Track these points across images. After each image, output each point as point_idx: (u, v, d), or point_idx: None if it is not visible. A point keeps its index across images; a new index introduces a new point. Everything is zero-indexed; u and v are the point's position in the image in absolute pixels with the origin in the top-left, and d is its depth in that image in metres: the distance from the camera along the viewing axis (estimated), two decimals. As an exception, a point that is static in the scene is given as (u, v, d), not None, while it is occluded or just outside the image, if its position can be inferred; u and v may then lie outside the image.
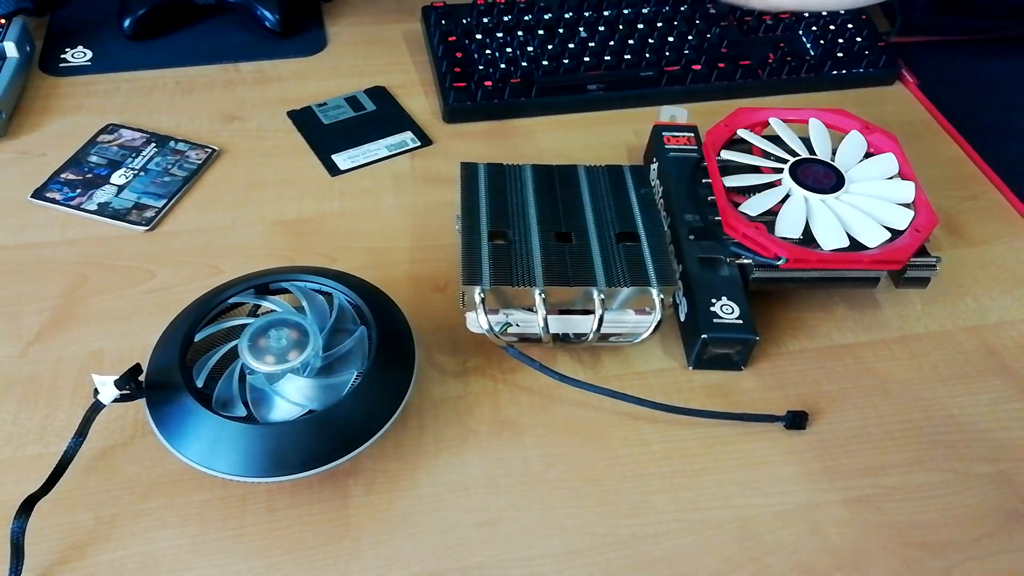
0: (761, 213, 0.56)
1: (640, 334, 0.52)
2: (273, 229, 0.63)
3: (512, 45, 0.76)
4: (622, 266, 0.51)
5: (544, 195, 0.56)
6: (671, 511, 0.47)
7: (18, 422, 0.50)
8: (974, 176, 0.70)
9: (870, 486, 0.49)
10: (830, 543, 0.46)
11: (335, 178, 0.67)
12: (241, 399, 0.46)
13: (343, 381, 0.47)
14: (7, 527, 0.43)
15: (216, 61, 0.78)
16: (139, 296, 0.57)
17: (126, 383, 0.45)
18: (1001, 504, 0.49)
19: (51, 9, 0.83)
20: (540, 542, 0.46)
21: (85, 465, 0.47)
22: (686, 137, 0.65)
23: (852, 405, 0.53)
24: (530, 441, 0.50)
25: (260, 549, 0.45)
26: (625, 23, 0.79)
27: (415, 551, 0.45)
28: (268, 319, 0.48)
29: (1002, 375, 0.56)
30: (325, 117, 0.73)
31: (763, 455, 0.50)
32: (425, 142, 0.71)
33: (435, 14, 0.79)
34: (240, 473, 0.43)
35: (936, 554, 0.46)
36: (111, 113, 0.72)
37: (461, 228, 0.53)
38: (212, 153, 0.68)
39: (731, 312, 0.53)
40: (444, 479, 0.48)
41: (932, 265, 0.55)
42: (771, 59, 0.77)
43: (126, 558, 0.44)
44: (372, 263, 0.60)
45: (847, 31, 0.80)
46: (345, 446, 0.45)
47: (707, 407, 0.51)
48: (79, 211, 0.62)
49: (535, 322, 0.50)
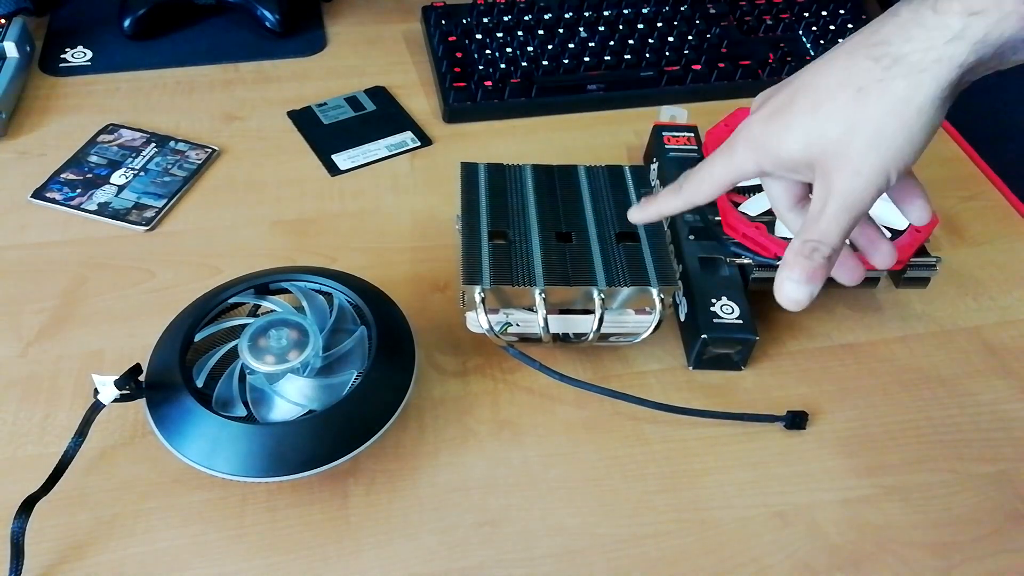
0: (761, 213, 0.56)
1: (640, 334, 0.52)
2: (273, 229, 0.63)
3: (512, 45, 0.76)
4: (622, 266, 0.51)
5: (544, 195, 0.56)
6: (671, 511, 0.47)
7: (18, 422, 0.50)
8: (974, 176, 0.70)
9: (870, 486, 0.49)
10: (830, 543, 0.46)
11: (335, 178, 0.67)
12: (241, 399, 0.46)
13: (343, 381, 0.47)
14: (7, 527, 0.43)
15: (216, 61, 0.78)
16: (139, 296, 0.57)
17: (126, 383, 0.45)
18: (1001, 504, 0.49)
19: (51, 9, 0.83)
20: (540, 542, 0.46)
21: (85, 465, 0.47)
22: (686, 137, 0.65)
23: (852, 405, 0.53)
24: (530, 441, 0.50)
25: (260, 549, 0.45)
26: (625, 23, 0.79)
27: (415, 551, 0.45)
28: (268, 319, 0.48)
29: (1002, 375, 0.56)
30: (325, 117, 0.73)
31: (763, 455, 0.50)
32: (425, 142, 0.71)
33: (435, 14, 0.79)
34: (240, 473, 0.43)
35: (936, 554, 0.46)
36: (111, 113, 0.72)
37: (461, 228, 0.53)
38: (212, 153, 0.68)
39: (731, 312, 0.53)
40: (444, 479, 0.48)
41: (932, 265, 0.55)
42: (771, 59, 0.77)
43: (126, 558, 0.44)
44: (372, 263, 0.60)
45: (847, 31, 0.80)
46: (345, 446, 0.45)
47: (707, 407, 0.51)
48: (79, 211, 0.62)
49: (535, 322, 0.50)
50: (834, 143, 0.36)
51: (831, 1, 0.83)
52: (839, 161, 0.36)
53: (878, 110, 0.34)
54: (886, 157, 0.35)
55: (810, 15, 0.82)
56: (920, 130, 0.34)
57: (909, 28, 0.34)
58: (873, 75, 0.34)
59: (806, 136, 0.37)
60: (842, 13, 0.82)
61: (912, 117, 0.34)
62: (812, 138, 0.36)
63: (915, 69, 0.34)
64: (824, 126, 0.36)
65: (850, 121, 0.35)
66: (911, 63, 0.34)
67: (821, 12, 0.82)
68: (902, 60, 0.34)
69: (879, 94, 0.34)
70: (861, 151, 0.35)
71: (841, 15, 0.82)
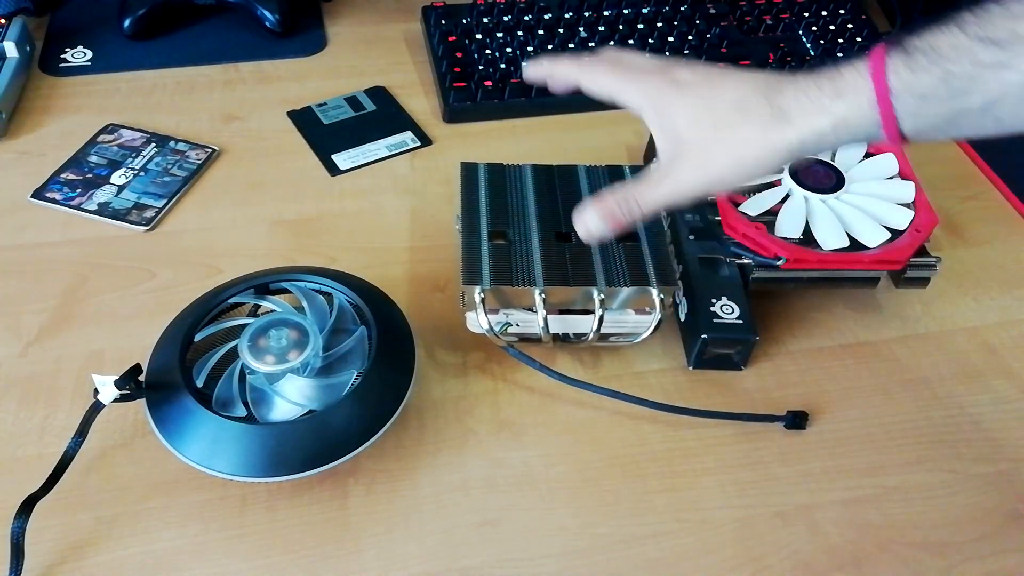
0: (761, 213, 0.56)
1: (640, 334, 0.52)
2: (273, 229, 0.63)
3: (512, 45, 0.76)
4: (622, 266, 0.51)
5: (544, 195, 0.56)
6: (671, 511, 0.47)
7: (18, 422, 0.50)
8: (974, 176, 0.70)
9: (870, 486, 0.49)
10: (830, 543, 0.46)
11: (335, 178, 0.67)
12: (241, 399, 0.46)
13: (343, 381, 0.47)
14: (7, 527, 0.43)
15: (216, 61, 0.78)
16: (139, 296, 0.57)
17: (126, 383, 0.45)
18: (1001, 504, 0.49)
19: (51, 9, 0.83)
20: (540, 542, 0.46)
21: (85, 465, 0.47)
22: (686, 137, 0.64)
23: (852, 405, 0.53)
24: (530, 441, 0.50)
25: (260, 549, 0.45)
26: (625, 23, 0.79)
27: (415, 551, 0.45)
28: (268, 319, 0.48)
29: (1002, 375, 0.55)
30: (325, 117, 0.73)
31: (763, 455, 0.50)
32: (425, 142, 0.71)
33: (435, 14, 0.79)
34: (240, 473, 0.43)
35: (936, 554, 0.46)
36: (111, 113, 0.72)
37: (461, 228, 0.53)
38: (212, 153, 0.68)
39: (731, 312, 0.53)
40: (444, 479, 0.48)
41: (932, 265, 0.55)
42: (771, 59, 0.77)
43: (126, 558, 0.44)
44: (372, 263, 0.60)
45: (847, 31, 0.80)
46: (345, 446, 0.45)
47: (707, 407, 0.51)
48: (79, 211, 0.62)
49: (535, 322, 0.50)
50: (705, 138, 0.42)
51: (831, 1, 0.83)
52: (697, 152, 0.42)
53: (750, 137, 0.41)
54: (729, 175, 0.42)
55: (810, 15, 0.82)
56: (761, 170, 0.42)
57: (800, 93, 0.40)
58: (761, 111, 0.41)
59: (695, 114, 0.43)
60: (842, 13, 0.82)
61: (767, 158, 0.41)
62: (698, 119, 0.42)
63: (791, 125, 0.40)
64: (708, 118, 0.42)
65: (728, 132, 0.41)
66: (790, 119, 0.40)
67: (821, 12, 0.82)
68: (787, 113, 0.40)
69: (760, 128, 0.41)
70: (719, 159, 0.42)
71: (841, 15, 0.82)
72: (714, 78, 0.43)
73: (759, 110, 0.41)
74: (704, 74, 0.44)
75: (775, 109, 0.40)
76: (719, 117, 0.42)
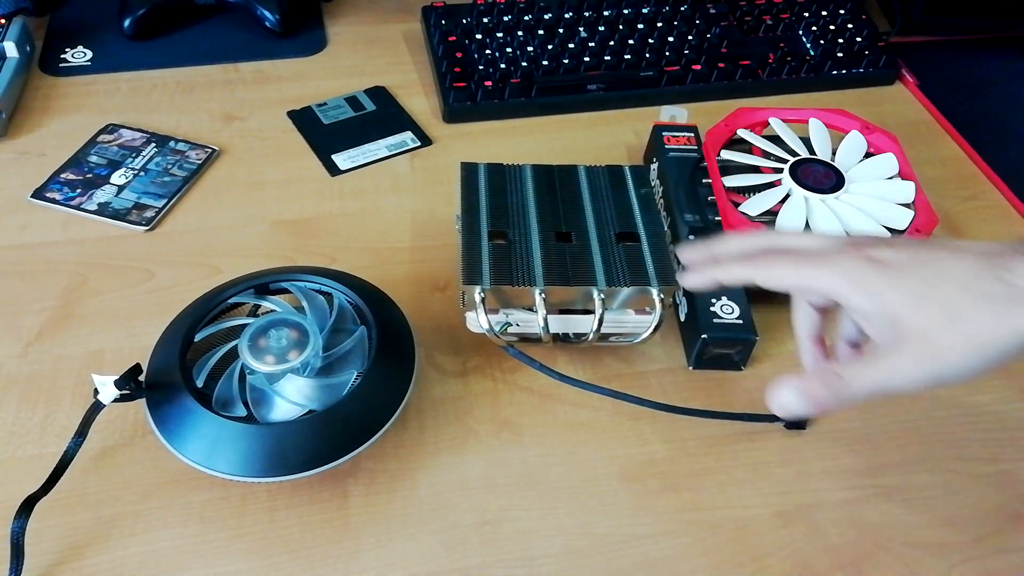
0: (761, 213, 0.56)
1: (640, 334, 0.52)
2: (273, 229, 0.63)
3: (512, 45, 0.77)
4: (622, 266, 0.51)
5: (544, 195, 0.56)
6: (671, 511, 0.47)
7: (18, 422, 0.50)
8: (974, 176, 0.70)
9: (870, 486, 0.49)
10: (830, 543, 0.46)
11: (335, 178, 0.67)
12: (241, 399, 0.46)
13: (343, 381, 0.47)
14: (7, 527, 0.43)
15: (216, 61, 0.78)
16: (139, 296, 0.57)
17: (126, 383, 0.45)
18: (1001, 504, 0.49)
19: (51, 9, 0.83)
20: (540, 542, 0.46)
21: (85, 465, 0.47)
22: (686, 137, 0.65)
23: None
24: (530, 441, 0.50)
25: (260, 549, 0.45)
26: (625, 23, 0.79)
27: (415, 551, 0.45)
28: (268, 319, 0.48)
29: (1002, 375, 0.55)
30: (325, 117, 0.73)
31: (763, 455, 0.50)
32: (425, 142, 0.71)
33: (435, 14, 0.79)
34: (240, 473, 0.43)
35: (936, 554, 0.46)
36: (111, 113, 0.72)
37: (461, 228, 0.53)
38: (212, 153, 0.68)
39: (731, 312, 0.53)
40: (444, 479, 0.48)
41: (932, 265, 0.55)
42: (771, 59, 0.77)
43: (126, 558, 0.44)
44: (372, 263, 0.60)
45: (847, 31, 0.80)
46: (345, 446, 0.45)
47: (707, 407, 0.51)
48: (79, 211, 0.62)
49: (535, 322, 0.50)
50: (932, 325, 0.36)
51: (831, 1, 0.83)
52: (923, 340, 0.36)
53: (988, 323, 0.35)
54: (966, 366, 0.36)
55: (810, 15, 0.82)
56: (1002, 360, 0.36)
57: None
58: (995, 292, 0.35)
59: (916, 298, 0.37)
60: (842, 13, 0.82)
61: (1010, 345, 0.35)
62: (921, 304, 0.37)
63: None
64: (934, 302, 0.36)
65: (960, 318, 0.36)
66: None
67: (821, 12, 0.82)
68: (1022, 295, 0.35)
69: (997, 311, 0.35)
70: (954, 348, 0.36)
71: (841, 15, 0.82)
72: (924, 255, 0.38)
73: (992, 290, 0.35)
74: (910, 251, 0.38)
75: (1011, 288, 0.35)
76: (946, 301, 0.36)
